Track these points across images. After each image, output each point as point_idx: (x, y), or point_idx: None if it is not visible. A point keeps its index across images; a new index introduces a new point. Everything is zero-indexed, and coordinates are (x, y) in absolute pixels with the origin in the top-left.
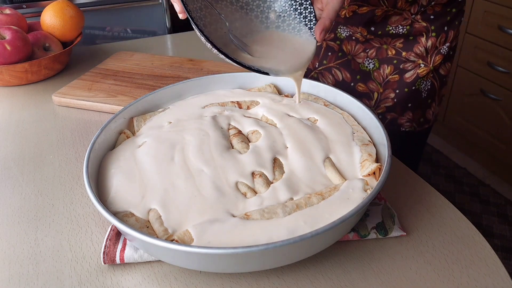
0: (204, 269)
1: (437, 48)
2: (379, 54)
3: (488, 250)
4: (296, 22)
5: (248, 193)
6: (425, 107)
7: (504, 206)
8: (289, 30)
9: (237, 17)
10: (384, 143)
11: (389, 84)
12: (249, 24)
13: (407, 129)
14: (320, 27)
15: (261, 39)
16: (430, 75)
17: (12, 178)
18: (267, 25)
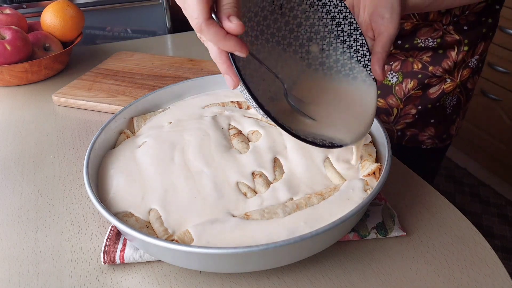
0: (204, 269)
1: (465, 61)
2: (404, 68)
3: (488, 251)
4: (346, 57)
5: (248, 193)
6: (449, 123)
7: (504, 206)
8: (338, 67)
9: (275, 57)
10: (384, 143)
11: (411, 99)
12: (288, 63)
13: (428, 146)
14: (380, 63)
15: (305, 84)
16: (456, 90)
17: (12, 178)
18: (308, 62)
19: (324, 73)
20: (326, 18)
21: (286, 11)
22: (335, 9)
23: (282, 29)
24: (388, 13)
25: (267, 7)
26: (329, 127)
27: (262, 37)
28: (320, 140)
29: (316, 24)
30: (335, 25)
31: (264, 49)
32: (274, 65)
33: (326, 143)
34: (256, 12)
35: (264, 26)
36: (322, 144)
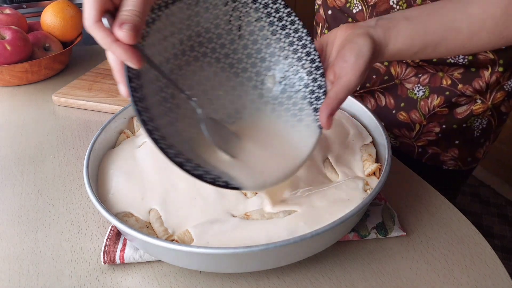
0: (204, 269)
1: (500, 83)
2: (432, 82)
3: (488, 251)
4: (300, 96)
5: (248, 193)
6: (475, 146)
7: (504, 206)
8: (288, 105)
9: (223, 79)
10: (384, 143)
11: (435, 117)
12: (237, 89)
13: (450, 167)
14: (327, 110)
15: (249, 116)
16: (487, 113)
17: (12, 178)
18: (261, 92)
19: (273, 108)
20: (288, 49)
21: (245, 34)
22: (299, 42)
23: (239, 52)
24: (352, 58)
25: (222, 25)
26: (238, 167)
27: (212, 55)
28: (213, 176)
29: (277, 54)
30: (297, 59)
31: (210, 69)
32: (214, 88)
33: (220, 181)
34: (207, 28)
35: (217, 45)
36: (211, 181)
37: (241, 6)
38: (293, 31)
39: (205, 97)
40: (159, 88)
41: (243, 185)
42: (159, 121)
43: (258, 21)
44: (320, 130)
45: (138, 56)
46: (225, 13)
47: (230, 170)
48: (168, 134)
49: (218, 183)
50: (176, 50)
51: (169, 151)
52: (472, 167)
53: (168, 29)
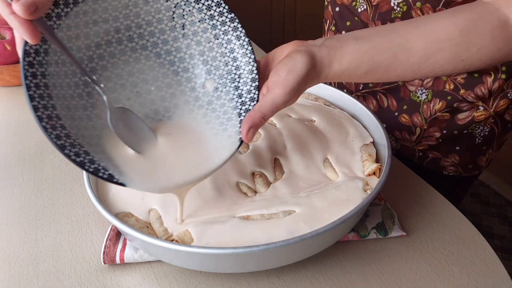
0: (204, 269)
1: (503, 91)
2: (436, 85)
3: (488, 251)
4: (231, 106)
5: (248, 193)
6: (477, 153)
7: (504, 206)
8: (219, 113)
9: (159, 75)
10: (384, 143)
11: (436, 121)
12: (176, 88)
13: (450, 173)
14: (248, 122)
15: (180, 116)
16: (490, 120)
17: (12, 178)
18: (198, 95)
19: (205, 113)
20: (228, 56)
21: (189, 34)
22: (240, 50)
23: (181, 50)
24: (284, 73)
25: (166, 21)
26: (138, 165)
27: (153, 49)
28: (98, 167)
29: (218, 59)
30: (235, 67)
31: (147, 62)
32: (146, 82)
33: (105, 174)
34: (148, 21)
35: (159, 40)
36: (93, 171)
37: (184, 4)
38: (235, 38)
39: (134, 89)
40: (71, 72)
41: (131, 183)
42: (58, 102)
43: (202, 22)
44: (239, 143)
45: (34, 32)
46: (167, 9)
47: (127, 165)
48: (65, 116)
49: (101, 175)
50: (110, 37)
51: (52, 131)
52: (474, 174)
53: (98, 14)
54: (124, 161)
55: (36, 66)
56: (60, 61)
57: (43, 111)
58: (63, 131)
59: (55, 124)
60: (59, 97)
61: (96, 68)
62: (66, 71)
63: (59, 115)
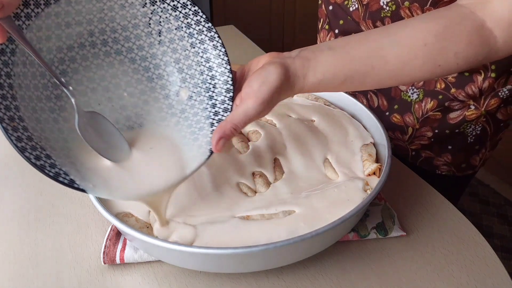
0: (204, 269)
1: (494, 89)
2: (427, 85)
3: (488, 250)
4: (205, 115)
5: (248, 193)
6: (470, 153)
7: (504, 206)
8: (192, 122)
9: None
10: (384, 143)
11: (428, 121)
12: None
13: (443, 172)
14: (218, 134)
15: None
16: (481, 119)
17: (12, 178)
18: (171, 103)
19: (178, 121)
20: (204, 65)
21: (166, 41)
22: (216, 60)
23: (157, 57)
24: (257, 84)
25: (142, 27)
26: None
27: (127, 54)
28: (59, 171)
29: (194, 68)
30: (210, 77)
31: (120, 67)
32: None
33: (65, 179)
34: (124, 26)
35: (134, 45)
36: (53, 175)
37: (161, 11)
38: (212, 47)
39: (105, 94)
40: (40, 73)
41: (93, 190)
42: (22, 103)
43: (178, 30)
44: (209, 155)
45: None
46: (143, 15)
47: (92, 171)
48: (29, 118)
49: (61, 180)
50: (83, 40)
51: (13, 133)
52: (468, 174)
53: (71, 16)
54: (89, 167)
55: (0, 66)
56: (28, 62)
57: (4, 111)
58: (25, 133)
59: (16, 126)
60: (24, 98)
61: (67, 71)
62: (34, 72)
63: (22, 116)
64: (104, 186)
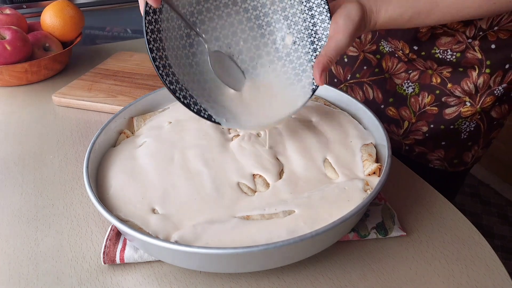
0: (204, 269)
1: (490, 87)
2: (422, 79)
3: (488, 250)
4: (307, 59)
5: (248, 193)
6: (462, 149)
7: (504, 206)
8: (295, 64)
9: (246, 28)
10: (384, 143)
11: (425, 115)
12: (257, 40)
13: (436, 166)
14: (319, 68)
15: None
16: (476, 117)
17: (12, 178)
18: (278, 47)
19: (283, 64)
20: (307, 13)
21: None
22: (317, 8)
23: (266, 6)
24: (342, 21)
25: None
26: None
27: (242, 5)
28: (199, 107)
29: (298, 16)
30: (312, 24)
31: (236, 17)
32: (236, 35)
33: (205, 114)
34: None
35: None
36: (196, 111)
37: None
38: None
39: (226, 40)
40: (177, 26)
41: (226, 123)
42: (169, 53)
43: None
44: (311, 94)
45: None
46: None
47: (222, 107)
48: (174, 64)
49: (202, 115)
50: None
51: (166, 78)
52: (460, 170)
53: None
54: (220, 103)
55: (154, 24)
56: (170, 18)
57: (159, 61)
58: (173, 77)
59: (168, 72)
60: (170, 48)
61: (196, 22)
62: (174, 26)
63: (171, 64)
64: (233, 119)
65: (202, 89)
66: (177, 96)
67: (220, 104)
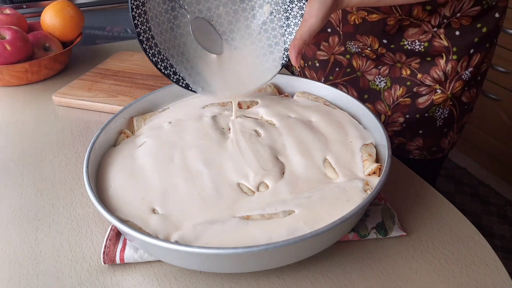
0: (204, 269)
1: (458, 73)
2: (392, 73)
3: (488, 250)
4: (281, 32)
5: (248, 193)
6: (439, 136)
7: (504, 206)
8: (269, 35)
9: (228, 2)
10: (384, 143)
11: (399, 107)
12: (238, 13)
13: (416, 157)
14: (295, 51)
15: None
16: (448, 103)
17: (12, 178)
18: (255, 14)
19: (259, 31)
20: None
21: None
22: None
23: None
24: (316, 5)
25: None
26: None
27: None
28: (178, 77)
29: None
30: (289, 1)
31: None
32: (218, 7)
33: (183, 83)
34: None
35: None
36: (175, 80)
37: None
38: None
39: (206, 4)
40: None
41: (202, 92)
42: (152, 26)
43: None
44: (278, 70)
45: None
46: None
47: (200, 76)
48: (157, 37)
49: (181, 84)
50: None
51: (149, 50)
52: (438, 157)
53: None
54: (198, 72)
55: None
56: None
57: (143, 35)
58: (156, 49)
59: (151, 45)
60: (153, 20)
61: None
62: (158, 1)
63: (154, 36)
64: (208, 89)
65: (182, 57)
66: (158, 67)
67: (197, 73)
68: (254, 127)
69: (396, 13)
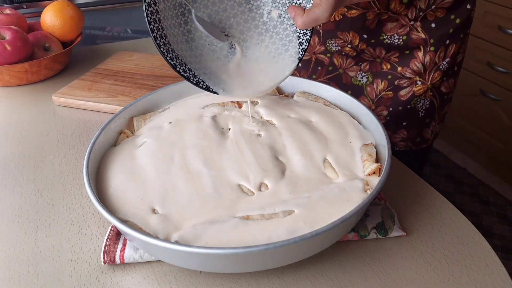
0: (204, 269)
1: (436, 64)
2: (373, 68)
3: (488, 250)
4: (292, 30)
5: (248, 193)
6: (422, 127)
7: (504, 206)
8: (282, 36)
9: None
10: (384, 143)
11: (382, 101)
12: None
13: (401, 148)
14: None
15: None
16: (429, 93)
17: (12, 178)
18: (265, 21)
19: (271, 35)
20: None
21: None
22: None
23: None
24: None
25: None
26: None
27: None
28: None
29: None
30: None
31: None
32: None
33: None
34: None
35: None
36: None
37: None
38: None
39: (216, 16)
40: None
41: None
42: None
43: None
44: (296, 64)
45: None
46: None
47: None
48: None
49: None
50: None
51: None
52: (422, 147)
53: None
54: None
55: (152, 5)
56: None
57: (160, 39)
58: (173, 53)
59: (168, 49)
60: (167, 27)
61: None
62: (169, 6)
63: (170, 41)
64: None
65: (198, 62)
66: (178, 70)
67: (216, 75)
68: (254, 127)
69: (375, 7)
